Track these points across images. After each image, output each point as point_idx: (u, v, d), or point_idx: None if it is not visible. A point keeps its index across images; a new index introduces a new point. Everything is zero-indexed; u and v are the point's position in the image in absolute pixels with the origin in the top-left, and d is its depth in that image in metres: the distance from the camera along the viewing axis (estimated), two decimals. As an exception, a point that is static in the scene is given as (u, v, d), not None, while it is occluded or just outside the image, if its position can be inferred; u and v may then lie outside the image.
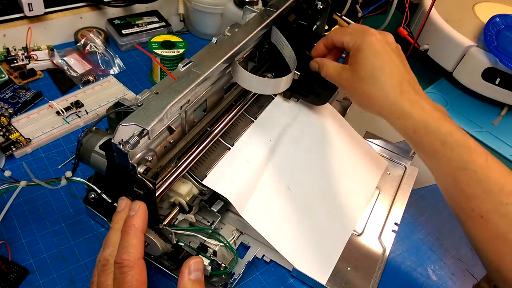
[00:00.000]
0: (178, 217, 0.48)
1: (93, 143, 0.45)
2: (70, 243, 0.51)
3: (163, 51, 0.70)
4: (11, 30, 0.72)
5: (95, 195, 0.48)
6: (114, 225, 0.40)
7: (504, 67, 0.73)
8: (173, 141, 0.46)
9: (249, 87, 0.51)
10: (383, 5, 1.02)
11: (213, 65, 0.45)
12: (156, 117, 0.39)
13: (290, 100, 0.60)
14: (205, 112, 0.51)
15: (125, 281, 0.36)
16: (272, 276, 0.52)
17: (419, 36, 0.84)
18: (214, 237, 0.47)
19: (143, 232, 0.39)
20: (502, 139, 0.76)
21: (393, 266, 0.54)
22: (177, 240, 0.45)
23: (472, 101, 0.83)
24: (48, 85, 0.70)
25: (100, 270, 0.38)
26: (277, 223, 0.50)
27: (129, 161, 0.39)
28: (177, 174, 0.45)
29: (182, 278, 0.38)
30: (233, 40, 0.49)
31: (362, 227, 0.56)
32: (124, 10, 0.82)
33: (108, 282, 0.37)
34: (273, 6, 0.56)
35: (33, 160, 0.59)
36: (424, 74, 0.88)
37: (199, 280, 0.38)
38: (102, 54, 0.75)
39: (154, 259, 0.48)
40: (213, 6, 0.81)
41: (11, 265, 0.47)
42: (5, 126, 0.60)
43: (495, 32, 0.78)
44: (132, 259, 0.37)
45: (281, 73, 0.54)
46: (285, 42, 0.55)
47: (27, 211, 0.53)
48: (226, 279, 0.47)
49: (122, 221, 0.40)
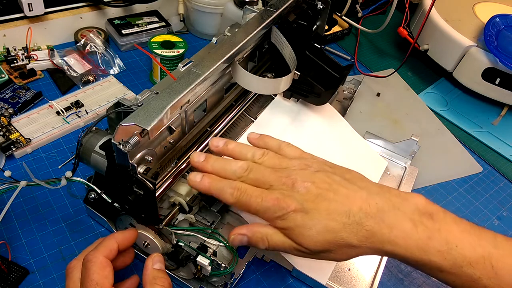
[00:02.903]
0: (178, 217, 0.48)
1: (93, 143, 0.45)
2: (70, 243, 0.51)
3: (163, 51, 0.70)
4: (11, 30, 0.72)
5: (95, 195, 0.48)
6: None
7: (504, 67, 0.73)
8: (173, 141, 0.46)
9: (249, 87, 0.51)
10: (383, 5, 1.02)
11: (213, 65, 0.45)
12: (156, 117, 0.39)
13: (290, 100, 0.60)
14: (205, 112, 0.51)
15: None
16: (272, 276, 0.52)
17: (419, 36, 0.84)
18: (214, 237, 0.47)
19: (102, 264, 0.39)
20: (502, 139, 0.76)
21: (393, 266, 0.54)
22: (177, 240, 0.45)
23: (472, 101, 0.83)
24: (48, 85, 0.70)
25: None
26: (277, 223, 0.50)
27: (129, 161, 0.39)
28: (177, 174, 0.45)
29: (147, 268, 0.41)
30: (233, 40, 0.49)
31: (362, 227, 0.56)
32: (124, 10, 0.82)
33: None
34: (273, 6, 0.56)
35: (33, 160, 0.59)
36: (424, 74, 0.88)
37: (161, 269, 0.42)
38: (102, 54, 0.75)
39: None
40: (213, 6, 0.81)
41: (11, 265, 0.47)
42: (5, 126, 0.60)
43: (495, 32, 0.78)
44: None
45: (281, 73, 0.54)
46: (285, 42, 0.55)
47: (27, 211, 0.53)
48: (226, 279, 0.47)
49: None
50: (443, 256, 0.38)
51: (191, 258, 0.45)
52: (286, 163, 0.43)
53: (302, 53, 0.59)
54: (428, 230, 0.38)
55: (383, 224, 0.38)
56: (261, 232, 0.41)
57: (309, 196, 0.39)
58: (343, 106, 0.70)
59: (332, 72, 0.60)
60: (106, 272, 0.39)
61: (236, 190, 0.41)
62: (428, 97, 0.82)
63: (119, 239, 0.41)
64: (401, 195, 0.41)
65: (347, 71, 0.60)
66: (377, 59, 0.90)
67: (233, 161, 0.43)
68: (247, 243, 0.42)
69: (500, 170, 0.71)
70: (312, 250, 0.39)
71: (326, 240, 0.38)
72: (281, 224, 0.39)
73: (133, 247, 0.45)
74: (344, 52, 0.89)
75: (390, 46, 0.95)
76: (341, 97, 0.70)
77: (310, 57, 0.61)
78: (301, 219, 0.39)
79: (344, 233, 0.38)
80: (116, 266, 0.41)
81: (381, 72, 0.84)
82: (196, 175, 0.42)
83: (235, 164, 0.42)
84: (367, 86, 0.80)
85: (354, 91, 0.69)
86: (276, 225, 0.40)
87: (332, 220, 0.38)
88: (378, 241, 0.38)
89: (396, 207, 0.39)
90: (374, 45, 0.95)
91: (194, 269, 0.46)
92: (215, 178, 0.42)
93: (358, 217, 0.38)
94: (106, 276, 0.38)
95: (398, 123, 0.75)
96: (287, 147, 0.45)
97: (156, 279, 0.40)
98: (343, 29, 0.92)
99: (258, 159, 0.43)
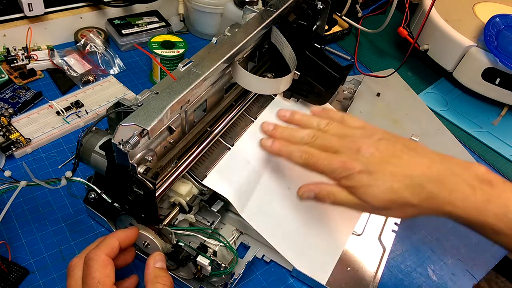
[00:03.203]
0: (178, 217, 0.48)
1: (93, 143, 0.45)
2: (70, 243, 0.51)
3: (163, 51, 0.70)
4: (11, 30, 0.72)
5: (95, 195, 0.48)
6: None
7: (504, 67, 0.73)
8: (173, 141, 0.46)
9: (249, 87, 0.51)
10: (383, 5, 1.02)
11: (213, 65, 0.45)
12: (156, 117, 0.39)
13: (290, 100, 0.60)
14: (205, 112, 0.51)
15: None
16: (272, 276, 0.52)
17: (419, 36, 0.84)
18: (214, 237, 0.47)
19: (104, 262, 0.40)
20: (502, 139, 0.76)
21: (393, 266, 0.54)
22: (177, 240, 0.45)
23: (472, 101, 0.83)
24: (48, 85, 0.70)
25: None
26: (277, 223, 0.50)
27: (129, 161, 0.39)
28: (177, 174, 0.45)
29: (149, 267, 0.41)
30: (233, 40, 0.49)
31: (362, 227, 0.56)
32: (124, 10, 0.82)
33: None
34: (273, 6, 0.56)
35: (33, 160, 0.59)
36: (424, 74, 0.88)
37: (163, 268, 0.42)
38: (102, 54, 0.75)
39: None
40: (213, 6, 0.81)
41: (11, 265, 0.47)
42: (5, 126, 0.60)
43: (495, 32, 0.78)
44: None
45: (281, 73, 0.54)
46: (285, 42, 0.55)
47: (27, 211, 0.53)
48: (226, 279, 0.47)
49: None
50: (500, 218, 0.39)
51: (191, 258, 0.45)
52: (350, 132, 0.46)
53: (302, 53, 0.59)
54: (487, 195, 0.40)
55: (443, 188, 0.40)
56: (327, 189, 0.44)
57: (374, 160, 0.42)
58: (343, 106, 0.70)
59: (332, 72, 0.60)
60: (108, 271, 0.39)
61: (304, 153, 0.44)
62: (428, 97, 0.82)
63: (121, 238, 0.42)
64: (462, 163, 0.43)
65: (347, 71, 0.61)
66: (377, 59, 0.90)
67: (300, 129, 0.47)
68: (314, 198, 0.45)
69: (500, 170, 0.71)
70: (375, 206, 0.42)
71: (389, 199, 0.41)
72: (346, 183, 0.43)
73: (133, 247, 0.45)
74: (344, 52, 0.89)
75: (390, 46, 0.95)
76: (341, 97, 0.70)
77: (310, 57, 0.61)
78: (366, 180, 0.42)
79: (407, 193, 0.41)
80: (117, 265, 0.41)
81: (381, 72, 0.84)
82: (267, 139, 0.47)
83: (302, 131, 0.47)
84: (367, 86, 0.80)
85: (354, 91, 0.69)
86: (342, 184, 0.43)
87: (396, 182, 0.41)
88: (438, 203, 0.41)
89: (456, 173, 0.41)
90: (374, 45, 0.95)
91: (194, 269, 0.46)
92: (285, 143, 0.46)
93: (420, 180, 0.41)
94: (108, 274, 0.38)
95: (398, 123, 0.75)
96: (350, 118, 0.48)
97: (157, 277, 0.40)
98: (343, 29, 0.92)
99: (324, 127, 0.47)
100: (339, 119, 0.48)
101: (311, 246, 0.52)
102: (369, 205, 0.42)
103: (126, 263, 0.44)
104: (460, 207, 0.40)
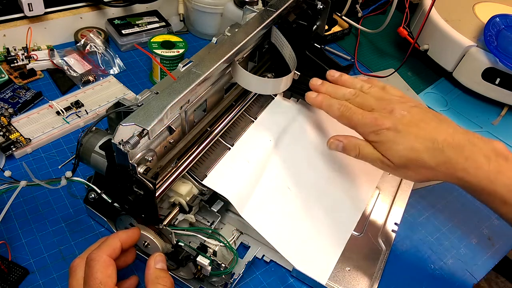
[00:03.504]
0: (178, 217, 0.48)
1: (93, 143, 0.45)
2: (70, 243, 0.51)
3: (163, 51, 0.70)
4: (11, 30, 0.72)
5: (95, 195, 0.48)
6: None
7: (504, 67, 0.73)
8: (173, 141, 0.46)
9: (249, 87, 0.51)
10: (383, 5, 1.02)
11: (213, 65, 0.45)
12: (156, 117, 0.39)
13: (290, 100, 0.60)
14: (205, 112, 0.51)
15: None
16: (272, 276, 0.52)
17: (419, 36, 0.84)
18: (214, 237, 0.47)
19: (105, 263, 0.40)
20: (502, 139, 0.75)
21: (393, 266, 0.54)
22: (177, 240, 0.45)
23: (472, 101, 0.83)
24: (48, 85, 0.70)
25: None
26: (277, 223, 0.50)
27: (129, 161, 0.39)
28: (177, 174, 0.45)
29: (149, 268, 0.42)
30: (233, 40, 0.49)
31: (362, 227, 0.56)
32: (124, 10, 0.82)
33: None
34: (273, 6, 0.56)
35: (33, 160, 0.59)
36: (424, 74, 0.88)
37: (164, 268, 0.42)
38: (102, 54, 0.75)
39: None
40: (213, 6, 0.81)
41: (11, 265, 0.47)
42: (5, 126, 0.60)
43: (495, 32, 0.78)
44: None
45: (281, 73, 0.54)
46: (285, 42, 0.55)
47: (27, 211, 0.53)
48: (226, 279, 0.47)
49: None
50: (510, 189, 0.42)
51: (191, 258, 0.45)
52: (388, 96, 0.50)
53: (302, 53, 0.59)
54: (500, 167, 0.43)
55: (461, 155, 0.44)
56: (354, 142, 0.49)
57: (403, 120, 0.46)
58: (343, 106, 0.70)
59: (332, 72, 0.60)
60: (110, 271, 0.39)
61: (342, 106, 0.49)
62: (428, 97, 0.82)
63: (123, 238, 0.42)
64: (483, 138, 0.46)
65: (347, 71, 0.60)
66: (377, 59, 0.91)
67: (344, 87, 0.52)
68: (341, 149, 0.50)
69: (500, 170, 0.71)
70: (395, 163, 0.46)
71: (408, 157, 0.45)
72: (374, 137, 0.47)
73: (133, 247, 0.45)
74: (344, 52, 0.90)
75: (390, 46, 0.95)
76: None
77: (310, 57, 0.61)
78: (392, 136, 0.45)
79: (426, 155, 0.44)
80: (118, 265, 0.41)
81: (381, 72, 0.84)
82: (313, 93, 0.53)
83: (345, 89, 0.51)
84: (367, 86, 0.80)
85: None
86: (369, 139, 0.47)
87: (418, 142, 0.45)
88: (453, 168, 0.44)
89: (475, 144, 0.44)
90: (374, 45, 0.95)
91: (194, 269, 0.46)
92: (327, 96, 0.51)
93: (441, 145, 0.44)
94: (110, 275, 0.39)
95: (398, 123, 0.75)
96: (390, 87, 0.52)
97: (158, 278, 0.41)
98: (343, 29, 0.92)
99: (366, 89, 0.51)
100: (381, 86, 0.52)
101: (311, 246, 0.52)
102: (389, 161, 0.46)
103: (127, 263, 0.44)
104: (472, 174, 0.43)
